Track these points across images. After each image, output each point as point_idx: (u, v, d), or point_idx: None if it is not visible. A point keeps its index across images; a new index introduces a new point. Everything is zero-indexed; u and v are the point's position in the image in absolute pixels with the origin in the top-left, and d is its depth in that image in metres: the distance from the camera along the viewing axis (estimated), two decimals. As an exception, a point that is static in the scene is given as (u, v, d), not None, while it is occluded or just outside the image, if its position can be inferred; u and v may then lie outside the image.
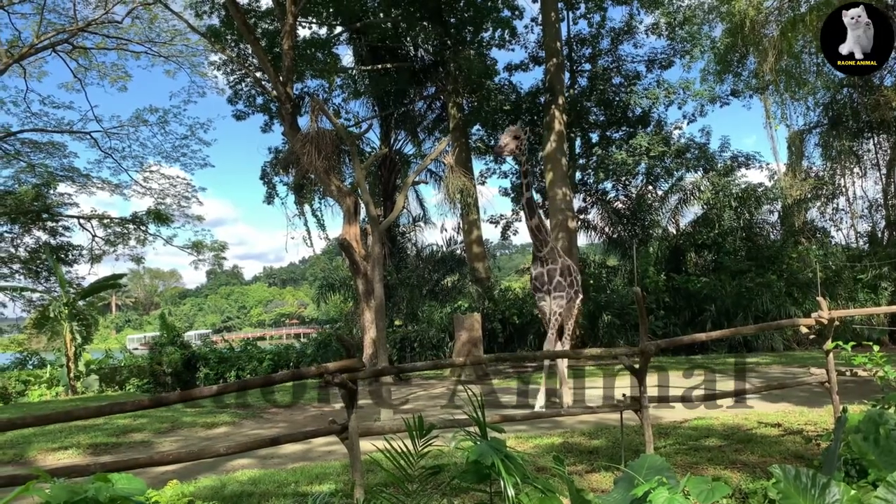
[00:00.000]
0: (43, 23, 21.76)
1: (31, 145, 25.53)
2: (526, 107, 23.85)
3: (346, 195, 15.98)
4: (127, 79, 25.25)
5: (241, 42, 20.99)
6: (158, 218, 26.52)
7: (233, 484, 6.84)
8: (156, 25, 23.61)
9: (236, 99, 23.52)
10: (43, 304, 23.58)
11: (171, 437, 10.51)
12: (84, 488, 2.75)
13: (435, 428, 4.75)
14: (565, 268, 10.54)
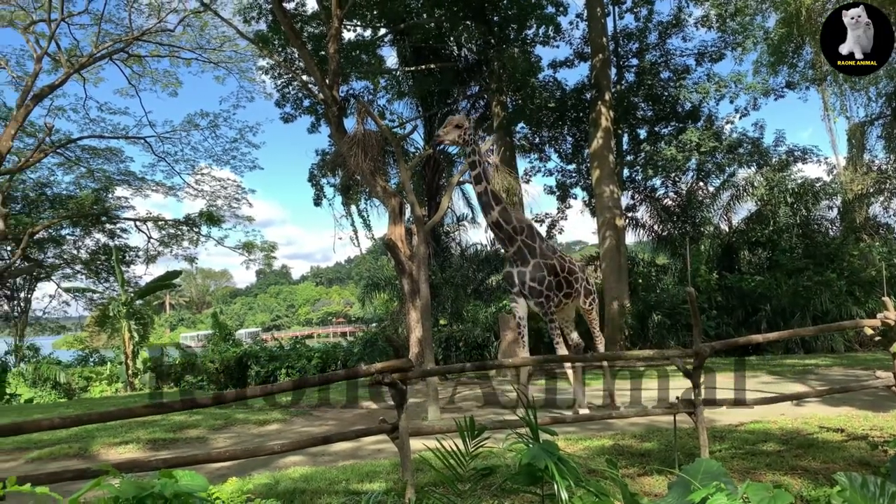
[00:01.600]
0: (100, 33, 22.55)
1: (90, 151, 26.50)
2: (571, 104, 23.59)
3: (392, 196, 16.09)
4: (178, 85, 26.03)
5: (287, 46, 21.33)
6: (210, 219, 27.21)
7: (286, 481, 6.96)
8: (206, 32, 24.23)
9: (284, 102, 23.92)
10: (103, 303, 24.45)
11: (225, 434, 10.77)
12: (151, 484, 2.83)
13: (486, 429, 4.76)
14: (548, 268, 9.81)
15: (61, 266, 29.46)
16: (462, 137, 9.49)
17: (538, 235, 10.12)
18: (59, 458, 9.31)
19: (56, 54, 21.87)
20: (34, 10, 21.59)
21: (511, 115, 22.60)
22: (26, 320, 28.74)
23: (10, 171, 22.78)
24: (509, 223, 9.73)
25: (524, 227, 9.93)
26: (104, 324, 21.16)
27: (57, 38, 21.25)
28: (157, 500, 2.83)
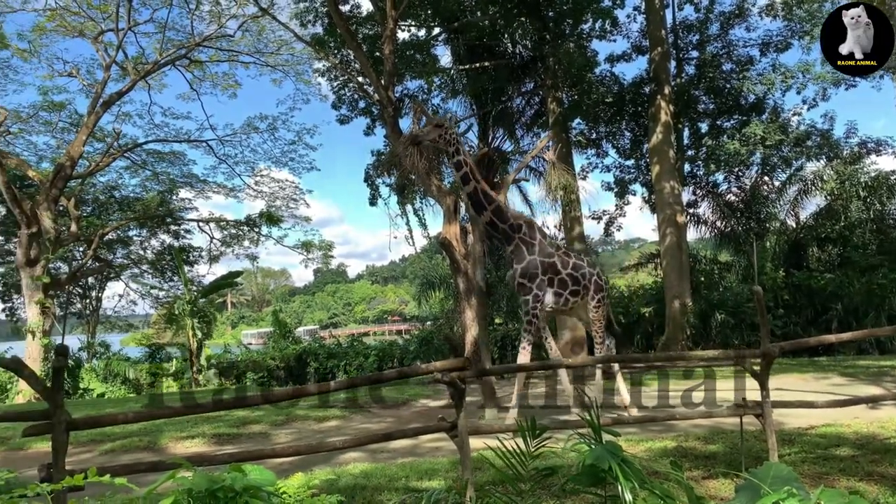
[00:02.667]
0: (164, 40, 23.34)
1: (154, 155, 27.45)
2: (629, 98, 23.13)
3: (447, 195, 16.09)
4: (237, 87, 26.66)
5: (343, 48, 21.60)
6: (270, 219, 27.84)
7: (346, 477, 7.05)
8: (263, 36, 24.77)
9: (340, 104, 24.22)
10: (168, 301, 25.32)
11: (287, 430, 10.98)
12: (221, 477, 2.90)
13: (548, 429, 4.72)
14: (545, 266, 9.53)
15: (129, 266, 30.70)
16: (443, 138, 9.42)
17: (539, 233, 9.91)
18: (131, 450, 9.67)
19: (123, 62, 22.75)
20: (103, 20, 22.50)
21: (567, 111, 22.31)
22: (97, 318, 30.04)
23: (82, 175, 23.82)
24: (504, 222, 9.59)
25: (521, 224, 9.76)
26: (170, 322, 21.93)
27: (124, 46, 22.16)
28: (228, 494, 2.89)
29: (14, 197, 18.90)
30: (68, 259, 26.88)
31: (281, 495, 3.33)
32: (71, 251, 26.30)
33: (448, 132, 9.42)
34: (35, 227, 19.27)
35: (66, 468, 3.99)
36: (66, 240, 21.98)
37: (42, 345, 19.33)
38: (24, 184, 23.53)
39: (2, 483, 3.03)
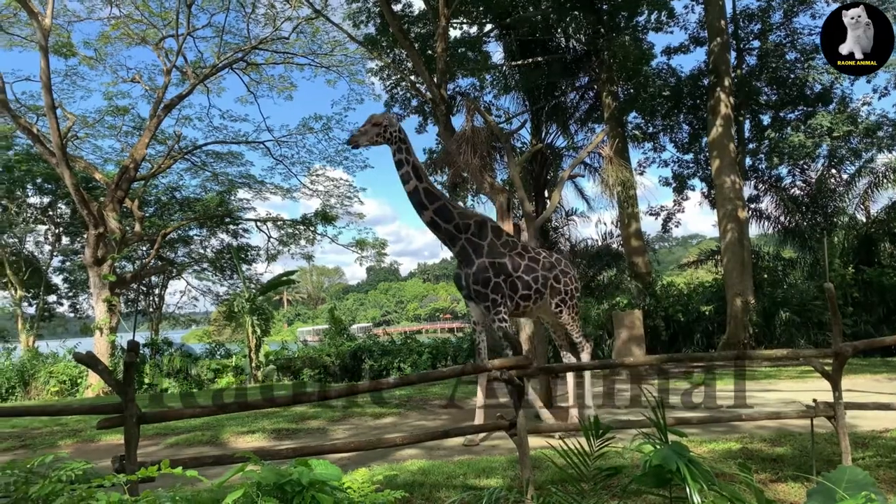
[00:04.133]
0: (222, 44, 23.94)
1: (214, 156, 28.18)
2: (687, 91, 22.55)
3: (500, 192, 16.00)
4: (293, 89, 27.12)
5: (395, 48, 21.75)
6: (325, 218, 28.27)
7: (404, 473, 7.06)
8: (317, 38, 25.10)
9: (392, 103, 24.44)
10: (228, 299, 25.99)
11: (344, 426, 11.09)
12: (289, 471, 2.94)
13: (611, 429, 4.64)
14: (496, 268, 9.03)
15: (190, 264, 31.63)
16: (382, 136, 9.10)
17: (493, 232, 9.37)
18: (194, 444, 9.92)
19: (183, 67, 23.41)
20: (163, 26, 23.21)
21: (623, 105, 21.95)
22: (160, 315, 31.06)
23: (145, 177, 24.64)
24: (449, 221, 9.15)
25: (470, 224, 9.24)
26: (230, 319, 22.50)
27: (183, 51, 22.76)
28: (295, 487, 2.94)
29: (82, 198, 19.67)
30: (133, 258, 27.87)
31: (345, 490, 3.35)
32: (135, 250, 27.26)
33: (388, 130, 9.09)
34: (101, 228, 20.02)
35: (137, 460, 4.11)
36: (131, 239, 22.78)
37: (109, 341, 20.08)
38: (91, 186, 24.49)
39: (80, 473, 3.14)
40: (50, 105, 18.55)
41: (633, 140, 24.43)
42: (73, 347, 22.24)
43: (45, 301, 28.45)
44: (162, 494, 2.95)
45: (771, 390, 11.89)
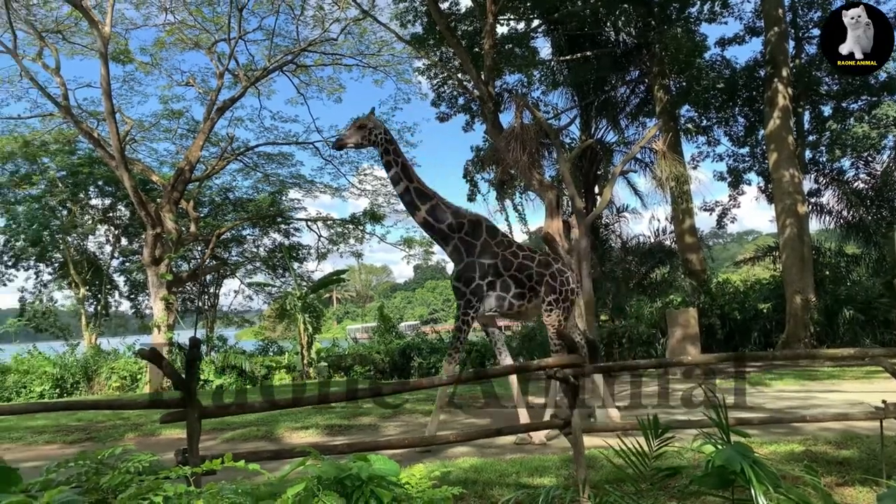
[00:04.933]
0: (272, 47, 24.38)
1: (265, 157, 28.73)
2: (742, 83, 21.89)
3: (548, 189, 15.88)
4: (341, 90, 27.42)
5: (442, 46, 21.76)
6: (373, 217, 28.53)
7: (456, 471, 7.05)
8: (365, 38, 25.31)
9: (439, 101, 24.46)
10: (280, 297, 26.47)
11: (395, 422, 11.16)
12: (348, 466, 2.95)
13: (671, 428, 4.56)
14: (485, 268, 8.86)
15: (244, 263, 32.32)
16: (367, 139, 9.07)
17: (488, 232, 9.23)
18: (250, 439, 10.12)
19: (235, 70, 23.92)
20: (216, 31, 23.76)
21: (675, 99, 21.49)
22: (215, 313, 31.82)
23: (199, 179, 25.30)
24: (441, 221, 9.09)
25: (464, 223, 9.18)
26: (282, 317, 22.90)
27: (235, 55, 23.26)
28: (355, 482, 2.95)
29: (140, 200, 20.31)
30: (188, 258, 28.61)
31: (402, 485, 3.35)
32: (191, 250, 27.97)
33: (373, 133, 9.11)
34: (159, 228, 20.63)
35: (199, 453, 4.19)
36: (187, 239, 23.40)
37: (166, 338, 20.68)
38: (149, 188, 25.25)
39: (147, 465, 3.23)
40: (110, 110, 19.21)
41: (686, 134, 23.86)
42: (131, 344, 22.96)
43: (106, 299, 29.49)
44: (225, 486, 2.98)
45: (835, 391, 11.46)
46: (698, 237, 22.99)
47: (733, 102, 22.86)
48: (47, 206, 26.88)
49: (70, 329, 29.03)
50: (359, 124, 9.18)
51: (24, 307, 28.83)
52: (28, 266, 28.93)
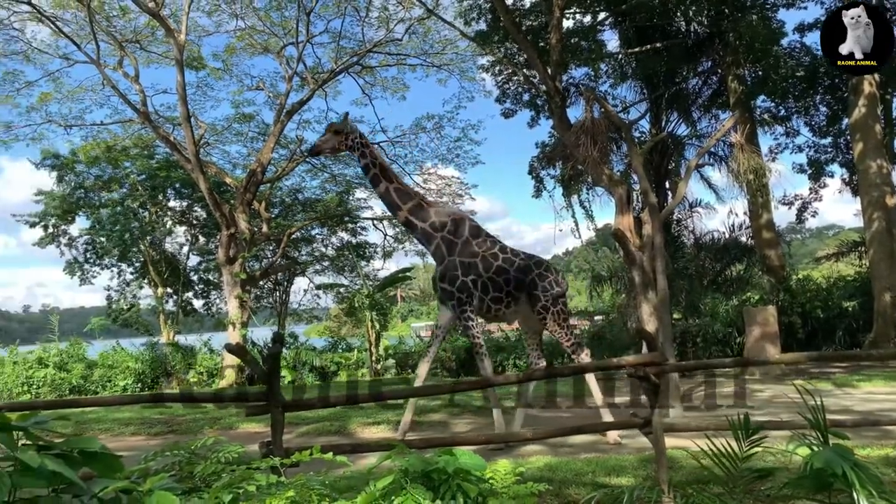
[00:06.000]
0: (338, 50, 24.76)
1: (332, 158, 29.22)
2: (823, 70, 20.86)
3: (618, 184, 15.55)
4: (405, 90, 27.60)
5: (507, 42, 21.60)
6: (437, 215, 28.60)
7: (531, 469, 6.97)
8: (429, 38, 25.42)
9: (504, 98, 24.31)
10: (348, 295, 26.92)
11: (464, 420, 11.18)
12: (435, 460, 2.95)
13: (763, 428, 4.41)
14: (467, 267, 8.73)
15: (313, 262, 33.06)
16: (344, 144, 9.10)
17: (471, 231, 9.13)
18: (324, 433, 10.31)
19: (303, 73, 24.41)
20: (284, 35, 24.32)
21: (751, 89, 20.69)
22: (286, 311, 32.68)
23: (270, 180, 25.96)
24: (425, 221, 9.04)
25: (446, 222, 9.10)
26: (350, 314, 23.29)
27: (303, 58, 23.74)
28: (441, 475, 2.95)
29: (215, 202, 21.01)
30: (260, 257, 29.44)
31: (488, 480, 3.33)
32: (263, 250, 28.77)
33: (349, 137, 9.16)
34: (233, 229, 21.28)
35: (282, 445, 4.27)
36: (259, 239, 24.07)
37: (241, 335, 21.31)
38: (222, 189, 26.09)
39: (236, 456, 3.30)
40: (185, 115, 19.94)
41: (763, 125, 22.93)
42: (207, 341, 23.78)
43: (183, 297, 30.72)
44: (312, 478, 3.02)
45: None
46: (776, 232, 22.07)
47: (814, 91, 21.83)
48: (128, 208, 28.20)
49: (151, 326, 30.38)
50: (335, 129, 9.32)
51: (110, 304, 30.38)
52: (111, 266, 30.47)
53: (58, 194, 28.35)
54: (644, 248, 13.41)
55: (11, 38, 21.92)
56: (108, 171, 28.13)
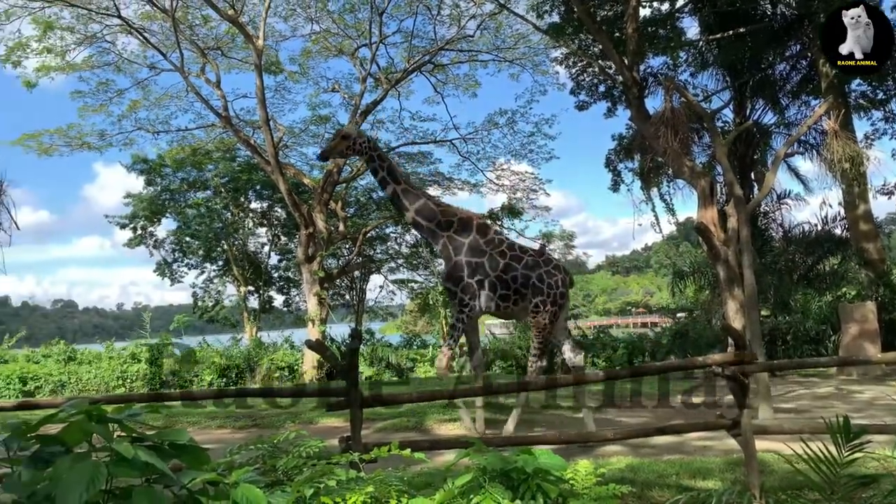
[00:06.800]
0: (411, 49, 24.95)
1: (405, 157, 29.53)
2: (925, 49, 19.42)
3: (701, 176, 14.99)
4: (477, 87, 27.46)
5: (580, 33, 21.17)
6: (511, 212, 28.46)
7: (612, 470, 6.80)
8: (501, 33, 25.23)
9: (578, 90, 23.84)
10: (422, 292, 27.16)
11: (540, 418, 11.03)
12: (514, 459, 2.90)
13: (866, 432, 4.14)
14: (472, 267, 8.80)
15: (387, 260, 33.54)
16: (352, 148, 9.26)
17: (479, 230, 9.19)
18: (401, 429, 10.39)
19: (376, 74, 24.72)
20: (357, 36, 24.70)
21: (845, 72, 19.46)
22: (362, 308, 33.29)
23: (346, 180, 26.46)
24: (431, 220, 9.15)
25: (452, 221, 9.17)
26: (425, 311, 23.49)
27: (376, 59, 24.03)
28: (521, 475, 2.89)
29: (294, 202, 21.60)
30: (338, 255, 30.10)
31: (568, 481, 3.24)
32: (340, 248, 29.40)
33: (357, 142, 9.31)
34: (311, 228, 21.83)
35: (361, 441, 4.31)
36: (336, 238, 24.57)
37: (320, 332, 21.84)
38: (300, 190, 26.79)
39: (316, 450, 3.35)
40: (265, 119, 20.58)
41: (859, 110, 21.53)
42: (288, 337, 24.48)
43: (264, 295, 31.80)
44: (391, 474, 3.02)
45: None
46: (875, 224, 20.74)
47: (918, 70, 20.34)
48: (212, 209, 29.40)
49: (235, 322, 31.62)
50: (343, 134, 9.66)
51: (196, 302, 31.82)
52: (196, 265, 31.91)
53: (145, 197, 29.91)
54: (729, 243, 12.90)
55: (104, 51, 23.20)
56: (192, 174, 29.42)
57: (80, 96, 23.79)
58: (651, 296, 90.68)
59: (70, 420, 2.32)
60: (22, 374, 20.49)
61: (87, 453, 2.27)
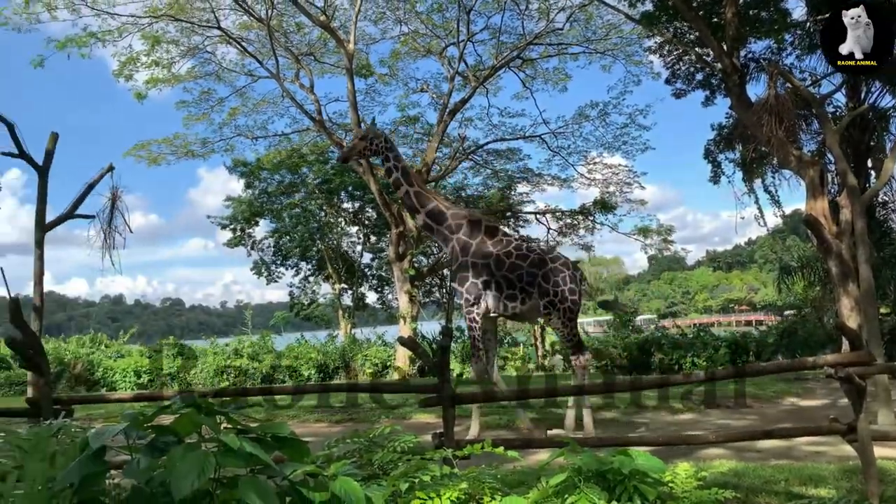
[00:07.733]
0: (499, 45, 24.85)
1: (494, 154, 29.43)
2: None
3: (810, 165, 14.09)
4: (567, 80, 26.96)
5: (675, 21, 20.39)
6: (604, 207, 27.81)
7: (713, 473, 6.53)
8: (591, 24, 24.69)
9: (674, 79, 22.96)
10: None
11: (640, 419, 10.81)
12: (610, 460, 2.83)
13: None
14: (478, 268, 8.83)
15: (476, 257, 33.55)
16: (370, 149, 9.44)
17: (487, 231, 9.25)
18: (492, 427, 10.38)
19: (464, 72, 24.78)
20: (444, 36, 24.84)
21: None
22: (452, 306, 33.51)
23: (435, 179, 26.68)
24: (441, 223, 9.26)
25: (461, 224, 9.27)
26: (515, 308, 23.36)
27: (464, 57, 24.09)
28: (617, 476, 2.82)
29: (385, 202, 22.02)
30: (428, 254, 30.45)
31: (667, 483, 3.12)
32: (430, 247, 29.72)
33: (374, 143, 9.48)
34: (401, 227, 22.17)
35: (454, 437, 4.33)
36: (426, 237, 24.88)
37: (411, 328, 22.17)
38: (390, 190, 27.25)
39: (411, 446, 3.40)
40: (356, 122, 21.08)
41: None
42: (381, 334, 25.02)
43: (358, 293, 32.62)
44: (484, 471, 3.02)
45: None
46: None
47: None
48: (307, 210, 30.43)
49: (330, 319, 32.63)
50: (361, 135, 9.91)
51: (292, 300, 33.10)
52: (293, 265, 33.16)
53: (244, 199, 31.37)
54: (842, 236, 12.10)
55: (205, 61, 24.53)
56: (288, 177, 30.55)
57: (184, 106, 25.28)
58: (755, 292, 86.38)
59: (181, 412, 2.47)
60: (136, 367, 22.08)
61: (197, 443, 2.40)
